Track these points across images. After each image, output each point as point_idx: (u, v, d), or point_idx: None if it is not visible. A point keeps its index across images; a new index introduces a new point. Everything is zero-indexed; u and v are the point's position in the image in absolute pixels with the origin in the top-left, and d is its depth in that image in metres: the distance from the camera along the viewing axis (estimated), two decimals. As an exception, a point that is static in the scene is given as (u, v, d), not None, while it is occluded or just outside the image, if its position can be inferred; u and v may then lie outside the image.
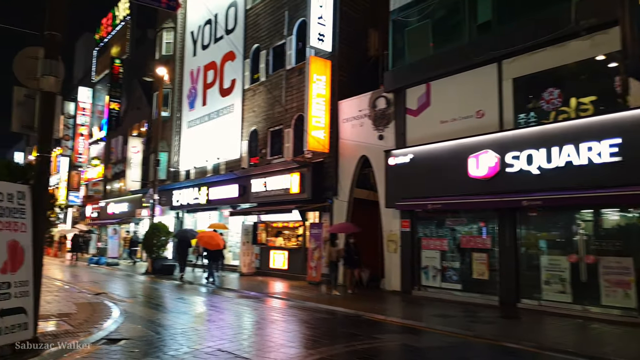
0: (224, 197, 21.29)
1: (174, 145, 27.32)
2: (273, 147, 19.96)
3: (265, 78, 20.60)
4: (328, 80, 16.86)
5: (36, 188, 6.29)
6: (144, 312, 10.19)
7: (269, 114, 20.16)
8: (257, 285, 15.61)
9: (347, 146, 16.46)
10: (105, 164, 39.28)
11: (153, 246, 20.35)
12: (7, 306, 5.67)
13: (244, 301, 12.34)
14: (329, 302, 12.07)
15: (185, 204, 24.28)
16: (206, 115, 24.44)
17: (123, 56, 39.83)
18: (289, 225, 19.04)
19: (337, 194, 16.59)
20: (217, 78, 23.81)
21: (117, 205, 33.54)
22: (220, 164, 23.07)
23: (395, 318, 10.07)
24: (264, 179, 18.81)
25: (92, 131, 45.40)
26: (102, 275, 19.89)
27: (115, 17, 42.89)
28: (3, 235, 5.72)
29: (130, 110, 35.39)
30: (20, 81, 6.62)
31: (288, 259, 18.37)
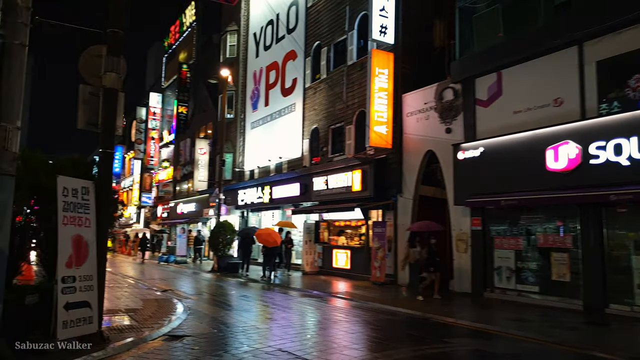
0: (285, 195, 21.27)
1: (238, 145, 27.74)
2: (334, 144, 19.67)
3: (326, 75, 20.36)
4: (391, 73, 16.33)
5: (99, 183, 6.31)
6: (207, 309, 10.19)
7: (329, 111, 19.90)
8: (319, 285, 15.36)
9: (412, 141, 15.85)
10: (175, 166, 40.71)
11: (219, 244, 20.67)
12: (72, 300, 5.71)
13: (307, 300, 12.11)
14: (394, 303, 11.57)
15: (249, 203, 24.54)
16: (268, 116, 24.59)
17: (190, 61, 41.14)
18: (351, 224, 18.67)
19: (401, 192, 16.02)
20: (279, 78, 23.87)
21: (186, 206, 34.59)
22: (283, 163, 23.10)
23: (465, 321, 9.42)
24: (325, 177, 18.55)
25: (163, 135, 47.23)
26: (170, 272, 20.44)
27: (182, 24, 44.40)
28: (68, 229, 5.76)
29: (197, 113, 36.43)
30: (85, 79, 6.71)
31: (351, 259, 17.99)
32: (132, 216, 56.43)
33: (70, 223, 5.81)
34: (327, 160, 19.49)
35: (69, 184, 5.87)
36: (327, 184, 18.41)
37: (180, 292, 12.89)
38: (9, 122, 5.32)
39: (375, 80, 16.00)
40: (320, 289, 14.15)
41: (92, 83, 6.67)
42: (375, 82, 15.99)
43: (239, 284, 15.82)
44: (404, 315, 10.26)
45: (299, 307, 10.85)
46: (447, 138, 14.41)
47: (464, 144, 13.69)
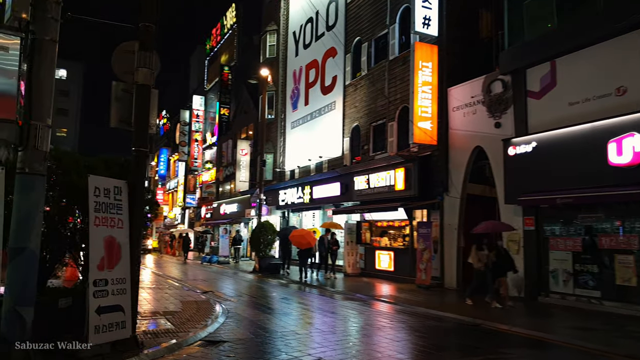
0: (326, 195, 20.89)
1: (279, 146, 27.60)
2: (375, 142, 19.13)
3: (366, 71, 19.85)
4: (435, 66, 15.65)
5: (132, 183, 6.10)
6: (246, 312, 9.91)
7: (371, 108, 19.37)
8: (362, 287, 14.88)
9: (458, 137, 15.12)
10: (217, 167, 41.14)
11: (260, 245, 20.53)
12: (104, 304, 5.50)
13: (349, 304, 11.66)
14: (441, 307, 10.96)
15: (290, 203, 24.33)
16: (308, 115, 24.29)
17: (231, 63, 41.46)
18: (395, 224, 18.06)
19: (447, 190, 15.32)
20: (319, 76, 23.53)
21: (228, 206, 34.82)
22: (323, 162, 22.73)
23: (520, 329, 8.73)
24: (367, 176, 18.04)
25: (206, 137, 47.90)
26: (212, 273, 20.45)
27: (223, 26, 44.85)
28: (99, 231, 5.56)
29: (238, 115, 36.64)
30: (118, 76, 6.53)
31: (394, 260, 17.40)
32: (177, 217, 57.57)
33: (102, 224, 5.61)
34: (369, 158, 18.98)
35: (100, 184, 5.67)
36: (368, 183, 17.90)
37: (221, 294, 12.72)
38: (40, 120, 5.15)
39: (419, 74, 15.37)
40: (362, 292, 13.69)
41: (125, 80, 6.48)
42: (418, 76, 15.36)
43: (280, 286, 15.55)
44: (452, 321, 9.66)
45: (341, 311, 10.42)
46: (496, 133, 13.63)
47: (514, 138, 12.90)
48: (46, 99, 5.25)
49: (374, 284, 15.71)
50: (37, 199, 5.07)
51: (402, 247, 17.27)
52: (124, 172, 6.21)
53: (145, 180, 6.48)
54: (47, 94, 5.27)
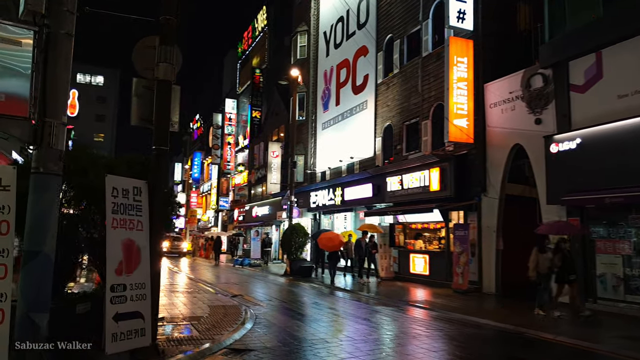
0: (358, 197, 20.43)
1: (309, 147, 27.30)
2: (409, 142, 18.55)
3: (399, 69, 19.31)
4: (470, 62, 15.00)
5: (153, 183, 5.84)
6: (275, 318, 9.57)
7: (403, 106, 18.81)
8: (396, 292, 14.35)
9: (496, 134, 14.43)
10: (249, 170, 41.21)
11: (291, 247, 20.23)
12: (122, 310, 5.23)
13: (382, 309, 11.18)
14: (479, 314, 10.35)
15: (321, 205, 23.97)
16: (339, 115, 23.89)
17: (262, 66, 41.51)
18: (430, 226, 17.44)
19: (485, 190, 14.63)
20: (350, 75, 23.11)
21: (260, 209, 34.75)
22: (354, 163, 22.27)
23: (567, 338, 8.08)
24: (400, 176, 17.49)
25: (238, 139, 48.13)
26: (243, 276, 20.27)
27: (254, 29, 44.99)
28: (117, 233, 5.31)
29: (270, 117, 36.58)
30: (139, 72, 6.30)
31: (429, 264, 16.78)
32: (210, 220, 58.09)
33: (121, 226, 5.35)
34: (402, 158, 18.42)
35: (118, 184, 5.43)
36: (401, 183, 17.35)
37: (250, 298, 12.44)
38: (54, 117, 4.93)
39: (454, 70, 14.75)
40: (397, 297, 13.17)
41: (146, 76, 6.24)
42: (453, 72, 14.75)
43: (311, 289, 15.17)
44: (493, 329, 9.07)
45: (374, 318, 9.95)
46: (536, 130, 12.90)
47: (557, 135, 12.15)
48: (61, 95, 5.02)
49: (408, 289, 15.16)
50: (52, 200, 4.85)
51: (437, 250, 16.64)
52: (146, 172, 5.95)
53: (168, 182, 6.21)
54: (63, 90, 5.04)
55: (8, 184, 4.42)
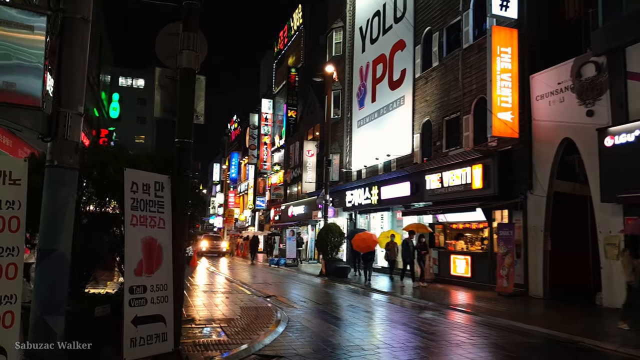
0: (395, 196, 19.77)
1: (345, 145, 26.79)
2: (449, 138, 17.78)
3: (438, 62, 18.56)
4: (515, 52, 14.16)
5: (176, 178, 5.49)
6: (308, 321, 9.13)
7: (443, 101, 18.05)
8: (436, 295, 13.68)
9: (543, 128, 13.54)
10: (285, 169, 41.10)
11: (326, 247, 19.79)
12: (142, 313, 4.89)
13: (422, 313, 10.58)
14: (527, 319, 9.61)
15: (357, 204, 23.42)
16: (375, 112, 23.28)
17: (298, 65, 41.32)
18: (471, 226, 16.63)
19: (531, 188, 13.77)
20: (386, 71, 22.47)
21: (296, 208, 34.52)
22: (391, 161, 21.63)
23: (630, 349, 7.29)
24: (440, 174, 16.75)
25: (274, 139, 48.16)
26: (278, 276, 19.97)
27: (290, 28, 44.85)
28: (137, 231, 4.97)
29: (305, 116, 36.31)
30: (162, 61, 5.98)
31: (471, 265, 15.98)
32: (247, 219, 58.41)
33: (141, 223, 5.02)
34: (441, 155, 17.66)
35: (139, 179, 5.09)
36: (441, 181, 16.61)
37: (284, 299, 12.06)
38: (69, 107, 4.62)
39: (497, 61, 13.96)
40: (437, 300, 12.51)
41: (169, 65, 5.92)
42: (497, 63, 13.96)
43: (347, 291, 14.67)
44: (543, 336, 8.33)
45: (413, 323, 9.37)
46: (588, 122, 11.98)
47: (612, 127, 11.22)
48: (78, 84, 4.71)
49: (449, 291, 14.44)
50: (68, 196, 4.54)
51: (480, 251, 15.83)
52: (169, 167, 5.61)
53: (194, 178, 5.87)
54: (79, 79, 4.73)
55: (19, 177, 4.12)
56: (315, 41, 38.55)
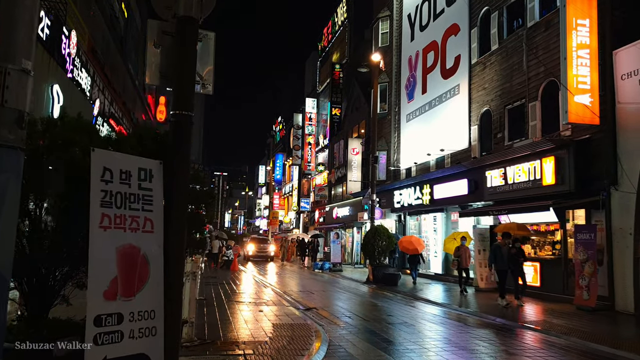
0: (449, 195, 17.85)
1: (392, 142, 25.01)
2: (512, 128, 15.73)
3: (497, 46, 16.55)
4: (594, 24, 12.07)
5: (170, 163, 4.05)
6: (353, 345, 7.52)
7: (504, 88, 16.02)
8: (500, 308, 11.77)
9: (631, 113, 11.39)
10: (329, 169, 39.68)
11: (373, 252, 18.12)
12: (115, 354, 3.45)
13: (485, 332, 8.78)
14: (617, 343, 7.63)
15: (406, 205, 21.59)
16: (426, 104, 21.40)
17: (343, 61, 39.91)
18: (540, 228, 14.52)
19: (616, 183, 11.64)
20: (438, 58, 20.57)
21: (341, 209, 33.02)
22: (445, 157, 19.70)
23: None
24: (502, 169, 14.75)
25: (318, 139, 46.92)
26: (321, 282, 18.48)
27: (334, 24, 43.53)
28: (109, 236, 3.55)
29: (349, 114, 34.80)
30: (159, 13, 4.57)
31: (540, 273, 13.92)
32: (292, 221, 57.37)
33: (116, 226, 3.60)
34: (503, 148, 15.64)
35: (115, 164, 3.68)
36: (504, 177, 14.62)
37: (326, 313, 10.52)
38: (8, 61, 3.25)
39: (573, 35, 11.91)
40: (502, 315, 10.65)
41: (164, 17, 4.50)
42: (572, 38, 11.91)
43: (398, 303, 12.95)
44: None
45: (475, 345, 7.59)
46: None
47: None
48: (23, 28, 3.34)
49: (514, 304, 12.45)
50: (5, 186, 3.17)
51: (550, 257, 13.75)
52: (163, 151, 4.18)
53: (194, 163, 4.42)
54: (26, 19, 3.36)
55: None
56: (360, 36, 36.96)
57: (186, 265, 7.15)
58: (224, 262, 24.49)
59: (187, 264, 7.13)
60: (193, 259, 7.36)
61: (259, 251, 33.82)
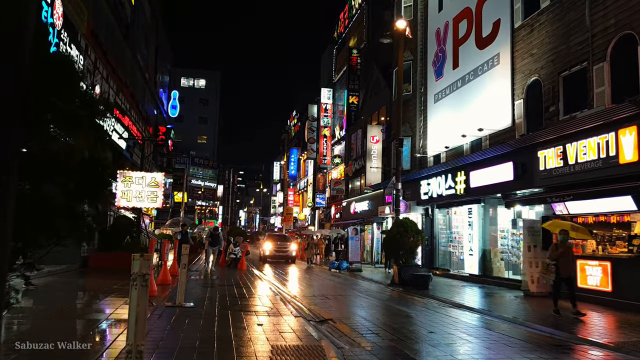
0: (490, 182, 15.18)
1: (418, 127, 22.37)
2: (569, 99, 13.02)
3: (549, 1, 13.84)
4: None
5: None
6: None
7: (559, 51, 13.31)
8: (558, 318, 9.15)
9: None
10: (346, 162, 37.23)
11: (399, 250, 15.54)
12: None
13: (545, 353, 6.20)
14: None
15: (435, 196, 18.95)
16: (458, 80, 18.72)
17: (360, 45, 37.43)
18: (610, 219, 11.80)
19: None
20: (472, 27, 17.88)
21: (359, 204, 30.48)
22: (482, 138, 17.02)
23: None
24: (561, 146, 12.04)
25: (334, 131, 44.54)
26: (338, 285, 15.96)
27: (351, 7, 41.11)
28: None
29: (368, 100, 32.27)
30: None
31: (612, 275, 11.16)
32: (307, 218, 54.93)
33: None
34: (557, 123, 12.93)
35: None
36: (564, 157, 11.92)
37: (346, 328, 8.00)
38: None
39: (665, -34, 9.19)
40: (562, 328, 8.09)
41: None
42: (664, -30, 9.19)
43: (432, 311, 10.34)
44: None
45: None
46: None
47: None
48: None
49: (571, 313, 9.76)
50: None
51: (627, 255, 11.00)
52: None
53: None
54: None
55: None
56: (378, 19, 34.35)
57: (133, 262, 4.79)
58: (231, 260, 22.14)
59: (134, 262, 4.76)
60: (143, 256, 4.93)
61: (278, 250, 27.50)
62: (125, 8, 34.14)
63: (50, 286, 11.29)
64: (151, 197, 19.27)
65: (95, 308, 8.91)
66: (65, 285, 12.29)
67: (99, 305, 9.30)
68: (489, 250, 16.33)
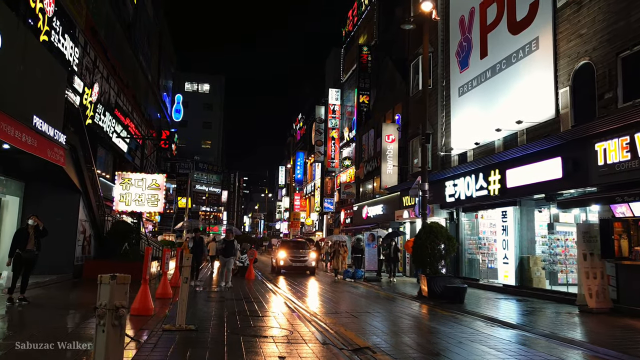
0: (531, 181, 13.41)
1: (440, 124, 20.66)
2: (629, 83, 11.29)
3: (601, -26, 12.16)
4: None
5: None
6: None
7: (616, 29, 11.60)
8: (623, 340, 7.40)
9: None
10: (357, 165, 35.52)
11: (427, 257, 13.79)
12: None
13: None
14: None
15: (463, 198, 17.20)
16: (487, 70, 17.00)
17: (371, 42, 35.82)
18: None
19: None
20: (504, 11, 16.18)
21: (372, 208, 28.73)
22: (518, 133, 15.28)
23: None
24: (627, 137, 10.28)
25: (343, 133, 42.92)
26: (359, 297, 14.22)
27: (360, 4, 39.49)
28: None
29: (381, 97, 30.61)
30: None
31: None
32: (314, 224, 53.20)
33: None
34: (615, 112, 11.20)
35: None
36: (631, 149, 10.16)
37: (386, 358, 6.27)
38: None
39: None
40: (628, 350, 6.34)
41: None
42: None
43: (491, 333, 8.58)
44: None
45: None
46: None
47: None
48: None
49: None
50: None
51: None
52: None
53: None
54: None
55: None
56: (389, 16, 32.76)
57: (100, 288, 3.15)
58: (238, 269, 20.45)
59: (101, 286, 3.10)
60: (117, 278, 3.18)
61: (294, 259, 23.02)
62: (127, 7, 32.73)
63: (32, 302, 9.60)
64: (152, 201, 17.71)
65: (73, 334, 7.18)
66: (48, 301, 10.61)
67: (78, 331, 7.60)
68: (527, 258, 14.56)
